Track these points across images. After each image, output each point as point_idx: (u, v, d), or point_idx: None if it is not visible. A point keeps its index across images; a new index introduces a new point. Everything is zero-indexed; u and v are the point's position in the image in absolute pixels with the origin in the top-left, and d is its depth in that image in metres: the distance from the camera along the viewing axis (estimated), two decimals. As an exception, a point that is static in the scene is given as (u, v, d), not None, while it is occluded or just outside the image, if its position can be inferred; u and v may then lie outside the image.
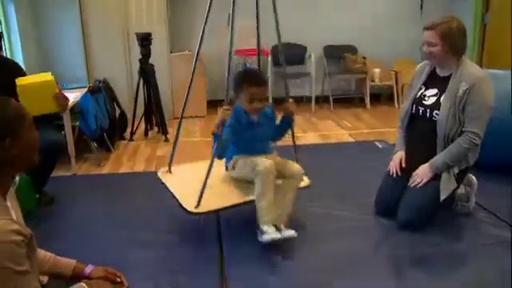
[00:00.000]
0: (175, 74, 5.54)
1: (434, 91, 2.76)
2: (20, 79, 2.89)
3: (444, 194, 2.68)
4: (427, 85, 2.82)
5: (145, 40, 4.71)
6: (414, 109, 2.82)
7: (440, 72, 2.78)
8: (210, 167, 2.56)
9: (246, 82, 2.56)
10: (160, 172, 3.10)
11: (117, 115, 4.76)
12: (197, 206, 2.56)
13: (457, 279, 2.32)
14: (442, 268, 2.39)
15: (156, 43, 4.88)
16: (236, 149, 2.72)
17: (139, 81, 4.82)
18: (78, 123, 4.12)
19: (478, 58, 5.79)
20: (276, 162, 2.63)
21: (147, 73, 4.78)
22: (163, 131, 4.89)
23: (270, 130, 2.77)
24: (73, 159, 3.87)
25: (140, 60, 4.78)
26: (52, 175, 3.27)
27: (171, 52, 5.58)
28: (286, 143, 3.02)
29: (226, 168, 2.82)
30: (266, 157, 2.65)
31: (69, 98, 3.27)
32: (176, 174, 3.05)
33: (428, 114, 2.74)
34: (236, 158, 2.72)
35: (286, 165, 2.68)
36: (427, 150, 2.75)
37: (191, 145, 4.68)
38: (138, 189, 3.52)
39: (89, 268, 1.71)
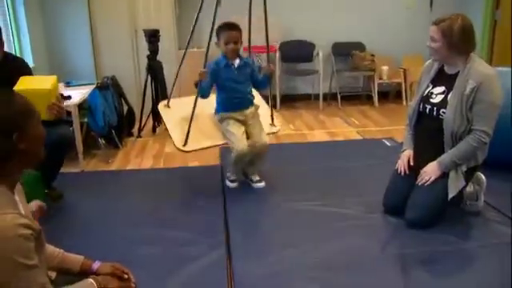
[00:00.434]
0: (183, 70, 5.52)
1: (442, 89, 2.74)
2: (21, 80, 2.87)
3: (452, 192, 2.66)
4: (435, 82, 2.80)
5: (153, 37, 4.71)
6: (421, 107, 2.80)
7: (448, 70, 2.75)
8: (194, 108, 3.21)
9: (222, 28, 3.13)
10: (161, 105, 3.61)
11: (125, 112, 4.77)
12: (184, 144, 3.24)
13: (465, 279, 2.30)
14: (450, 267, 2.37)
15: (164, 40, 4.89)
16: (220, 99, 3.26)
17: (147, 77, 4.83)
18: (86, 120, 4.14)
19: (488, 55, 5.73)
20: (250, 132, 3.27)
21: (155, 69, 4.78)
22: (171, 128, 4.89)
23: (247, 72, 3.25)
24: (81, 156, 3.89)
25: (148, 56, 4.79)
26: (60, 171, 3.29)
27: (179, 49, 5.58)
28: (292, 140, 3.01)
29: (216, 113, 3.34)
30: (246, 114, 3.24)
31: (63, 108, 2.99)
32: (173, 108, 3.55)
33: (435, 112, 2.72)
34: (221, 117, 3.25)
35: (256, 139, 3.26)
36: (435, 148, 2.73)
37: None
38: (145, 185, 3.54)
39: (96, 264, 1.72)
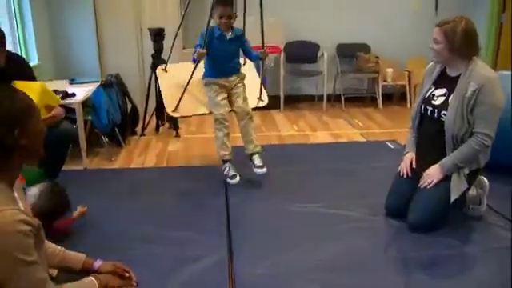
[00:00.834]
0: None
1: (443, 91, 2.73)
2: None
3: (454, 195, 2.65)
4: (436, 84, 2.80)
5: (158, 35, 4.72)
6: (422, 108, 2.80)
7: (450, 72, 2.75)
8: (191, 77, 3.48)
9: (217, 3, 3.27)
10: (158, 68, 3.84)
11: (128, 110, 4.78)
12: (174, 110, 3.53)
13: (467, 283, 2.29)
14: (451, 271, 2.37)
15: (169, 39, 4.88)
16: (208, 65, 3.47)
17: (151, 76, 4.83)
18: (90, 117, 4.15)
19: (494, 59, 5.71)
20: (232, 100, 3.47)
21: (159, 68, 4.78)
22: (174, 127, 4.90)
23: (238, 44, 3.47)
24: (84, 153, 3.90)
25: (152, 55, 4.79)
26: (63, 169, 3.29)
27: (184, 48, 5.58)
28: (296, 141, 3.00)
29: (203, 77, 3.56)
30: (230, 81, 3.46)
31: (56, 115, 3.07)
32: (170, 73, 3.77)
33: (436, 115, 2.72)
34: (207, 82, 3.48)
35: (237, 105, 3.44)
36: (436, 150, 2.72)
37: (202, 141, 4.68)
38: (148, 184, 3.54)
39: (98, 263, 1.72)
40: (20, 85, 2.75)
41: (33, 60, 4.59)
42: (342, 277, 2.31)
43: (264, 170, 3.34)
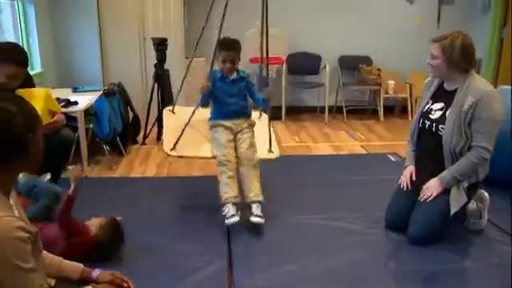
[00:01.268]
0: (190, 79, 5.55)
1: (441, 105, 2.75)
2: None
3: (454, 208, 2.65)
4: (434, 99, 2.81)
5: (160, 45, 4.74)
6: (421, 123, 2.82)
7: (447, 86, 2.77)
8: (191, 116, 3.29)
9: (220, 46, 3.17)
10: (166, 109, 3.69)
11: (130, 119, 4.79)
12: (172, 148, 3.18)
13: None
14: (452, 285, 2.36)
15: (171, 49, 4.92)
16: (213, 108, 3.26)
17: (154, 85, 4.86)
18: (91, 126, 4.16)
19: (495, 73, 5.73)
20: (238, 146, 3.11)
21: (162, 78, 4.81)
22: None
23: (242, 86, 3.23)
24: (85, 161, 3.90)
25: (155, 65, 4.82)
26: (64, 176, 3.28)
27: (186, 58, 5.61)
28: (297, 152, 2.99)
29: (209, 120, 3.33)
30: (236, 124, 3.16)
31: (58, 121, 3.11)
32: (177, 114, 3.57)
33: (434, 128, 2.73)
34: (212, 124, 3.22)
35: (241, 151, 3.09)
36: (435, 164, 2.73)
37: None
38: (148, 193, 3.54)
39: (96, 272, 1.72)
40: (24, 92, 2.77)
41: (36, 68, 4.61)
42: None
43: (261, 221, 2.84)
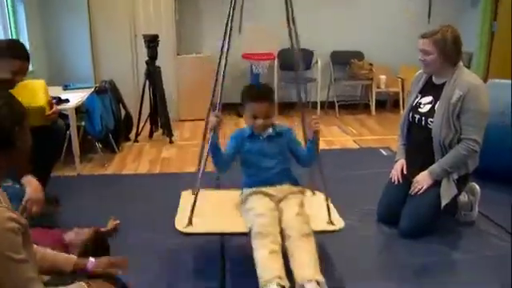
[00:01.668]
0: (182, 76, 5.56)
1: (429, 99, 2.77)
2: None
3: (445, 201, 2.68)
4: (423, 92, 2.84)
5: (152, 42, 4.73)
6: (410, 116, 2.84)
7: (435, 80, 2.79)
8: (200, 170, 2.48)
9: (248, 97, 2.43)
10: (185, 192, 2.78)
11: (122, 116, 4.78)
12: (187, 225, 2.35)
13: (457, 289, 2.31)
14: (443, 278, 2.38)
15: (163, 45, 4.90)
16: (244, 176, 2.48)
17: (145, 82, 4.84)
18: (83, 123, 4.14)
19: (486, 67, 5.76)
20: (282, 214, 2.25)
21: (153, 74, 4.80)
22: (168, 133, 4.90)
23: (283, 145, 2.46)
24: (77, 159, 3.89)
25: (146, 62, 4.80)
26: (56, 175, 3.29)
27: (178, 54, 5.60)
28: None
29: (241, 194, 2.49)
30: (279, 189, 2.36)
31: (58, 109, 3.25)
32: (199, 196, 2.44)
33: (423, 122, 2.75)
34: (244, 197, 2.39)
35: (287, 220, 2.22)
36: (425, 157, 2.75)
37: (196, 148, 4.67)
38: (141, 190, 3.53)
39: (91, 263, 1.70)
40: (26, 84, 2.88)
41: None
42: (333, 283, 2.30)
43: None
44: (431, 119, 2.70)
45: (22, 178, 2.31)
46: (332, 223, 2.42)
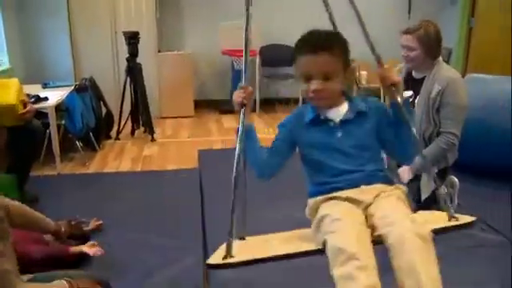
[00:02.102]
0: (163, 73, 5.53)
1: (409, 93, 2.81)
2: None
3: (425, 194, 2.71)
4: (403, 87, 2.86)
5: (132, 39, 4.69)
6: None
7: (415, 74, 2.83)
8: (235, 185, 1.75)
9: (298, 50, 1.62)
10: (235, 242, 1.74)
11: (103, 114, 4.73)
12: (225, 257, 1.59)
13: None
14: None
15: (144, 42, 4.87)
16: (309, 178, 1.72)
17: (126, 80, 4.80)
18: (63, 122, 4.09)
19: (464, 62, 5.85)
20: (371, 216, 1.54)
21: (134, 72, 4.76)
22: (150, 131, 4.87)
23: (368, 131, 1.63)
24: (57, 158, 3.84)
25: (127, 59, 4.76)
26: (36, 174, 3.25)
27: (159, 51, 5.56)
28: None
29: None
30: (366, 191, 1.56)
31: (33, 107, 3.14)
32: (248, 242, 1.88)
33: None
34: (313, 207, 1.66)
35: (385, 218, 1.52)
36: None
37: (178, 145, 4.67)
38: (123, 188, 3.51)
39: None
40: None
41: (4, 64, 4.51)
42: (322, 277, 2.32)
43: None
44: None
45: None
46: (455, 218, 1.81)
